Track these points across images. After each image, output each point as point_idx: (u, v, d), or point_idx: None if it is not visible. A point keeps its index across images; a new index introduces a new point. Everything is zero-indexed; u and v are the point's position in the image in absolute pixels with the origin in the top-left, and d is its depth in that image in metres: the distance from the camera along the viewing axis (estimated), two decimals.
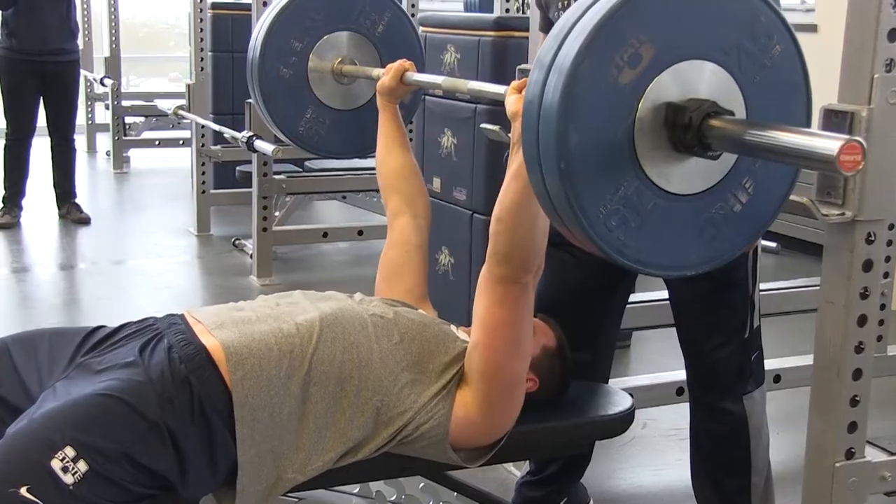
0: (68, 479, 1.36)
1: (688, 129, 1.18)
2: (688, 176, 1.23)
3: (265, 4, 4.32)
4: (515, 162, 1.49)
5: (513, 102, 1.54)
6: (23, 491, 1.33)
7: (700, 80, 1.21)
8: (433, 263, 3.55)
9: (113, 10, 7.07)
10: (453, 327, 1.76)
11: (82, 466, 1.37)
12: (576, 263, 2.03)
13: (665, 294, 2.09)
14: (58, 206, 5.45)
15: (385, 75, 2.05)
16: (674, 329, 2.07)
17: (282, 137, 2.40)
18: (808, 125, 1.32)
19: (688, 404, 2.10)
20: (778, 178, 1.32)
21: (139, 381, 1.47)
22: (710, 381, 2.01)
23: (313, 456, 1.55)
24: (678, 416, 2.62)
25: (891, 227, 2.52)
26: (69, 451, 1.37)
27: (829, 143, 1.07)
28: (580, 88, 1.15)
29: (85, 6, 7.05)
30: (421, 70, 2.25)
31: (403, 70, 2.04)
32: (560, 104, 1.15)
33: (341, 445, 1.56)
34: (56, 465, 1.36)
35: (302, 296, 1.73)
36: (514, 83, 1.57)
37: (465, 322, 1.78)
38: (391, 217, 2.00)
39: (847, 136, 1.06)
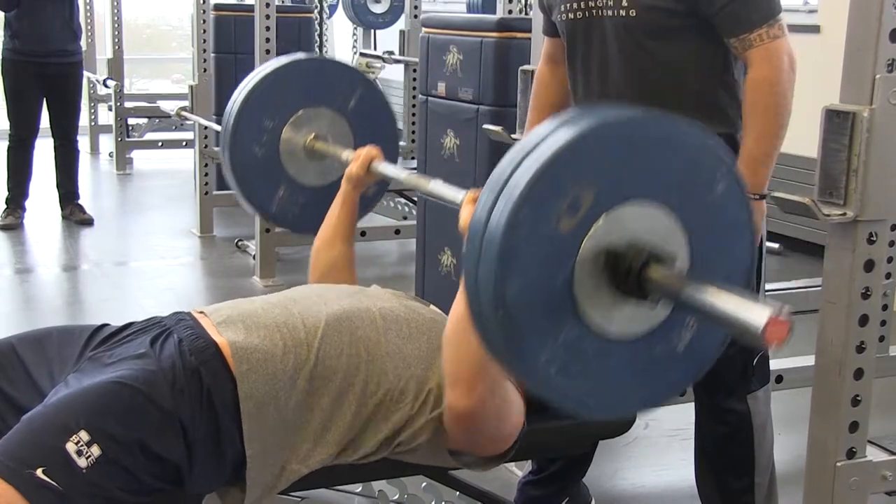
0: (82, 462, 1.37)
1: (627, 275, 1.16)
2: (630, 319, 1.20)
3: (268, 5, 4.34)
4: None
5: (466, 216, 1.48)
6: (38, 472, 1.34)
7: (641, 222, 1.18)
8: (435, 264, 3.55)
9: (116, 11, 7.08)
10: None
11: (96, 451, 1.37)
12: None
13: None
14: (61, 207, 5.46)
15: (353, 163, 2.03)
16: None
17: (255, 214, 2.36)
18: (752, 264, 1.30)
19: (691, 404, 2.10)
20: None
21: (152, 371, 1.48)
22: (715, 380, 2.00)
23: (318, 448, 1.55)
24: (681, 416, 2.63)
25: (893, 227, 2.52)
26: (84, 435, 1.38)
27: (757, 316, 1.04)
28: (518, 241, 1.12)
29: (88, 7, 7.07)
30: (391, 149, 2.21)
31: (371, 159, 2.02)
32: (499, 256, 1.12)
33: (345, 438, 1.57)
34: (71, 448, 1.37)
35: (311, 289, 1.73)
36: (471, 195, 1.53)
37: None
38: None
39: (777, 311, 1.03)
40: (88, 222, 5.35)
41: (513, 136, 2.38)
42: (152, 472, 1.43)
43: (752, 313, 1.05)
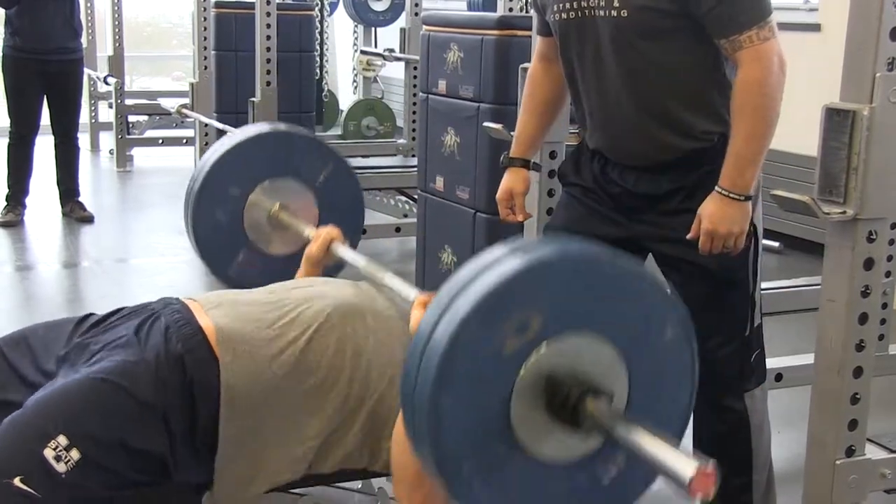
0: (60, 467, 1.37)
1: (564, 404, 1.17)
2: (561, 445, 1.21)
3: (269, 3, 4.34)
4: None
5: (415, 319, 1.51)
6: (16, 481, 1.34)
7: (586, 354, 1.20)
8: (435, 262, 3.56)
9: (116, 8, 7.08)
10: None
11: (75, 455, 1.37)
12: None
13: None
14: (61, 204, 5.46)
15: (313, 243, 2.04)
16: None
17: (215, 278, 2.36)
18: (689, 411, 1.33)
19: None
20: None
21: (133, 362, 1.47)
22: (712, 379, 2.00)
23: (293, 446, 1.55)
24: None
25: (892, 225, 2.53)
26: (62, 440, 1.38)
27: (685, 467, 1.06)
28: (461, 352, 1.14)
29: (89, 5, 7.07)
30: (353, 227, 2.25)
31: (331, 240, 2.03)
32: (439, 363, 1.13)
33: (322, 436, 1.56)
34: (49, 454, 1.37)
35: (307, 283, 1.73)
36: (422, 298, 1.55)
37: None
38: None
39: (703, 464, 1.06)
40: (89, 219, 5.35)
41: (513, 133, 2.39)
42: (135, 467, 1.43)
43: (681, 463, 1.08)
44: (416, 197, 4.50)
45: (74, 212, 5.39)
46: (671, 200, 1.87)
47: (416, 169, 4.37)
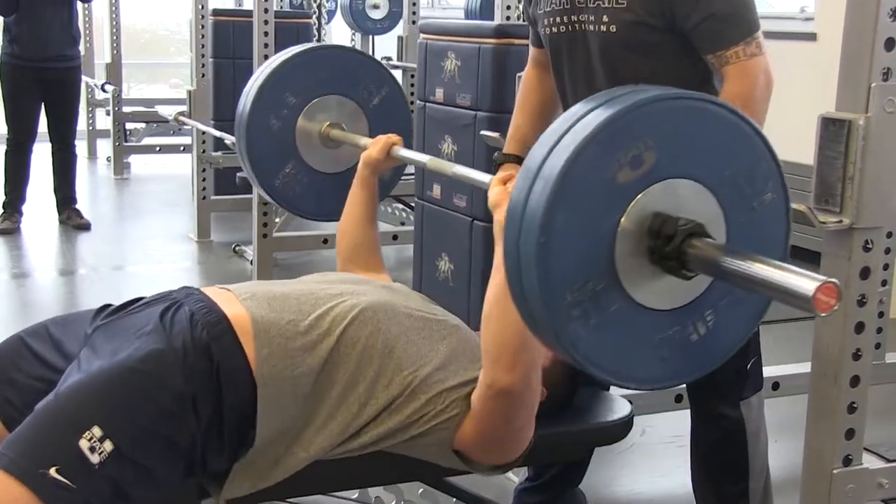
0: (95, 458, 1.36)
1: (670, 240, 1.18)
2: (655, 291, 1.22)
3: (266, 11, 4.34)
4: (497, 253, 1.47)
5: (496, 193, 1.53)
6: (52, 472, 1.34)
7: (691, 201, 1.21)
8: (433, 270, 3.55)
9: (114, 16, 7.09)
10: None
11: (108, 446, 1.37)
12: None
13: None
14: (58, 211, 5.46)
15: (372, 147, 2.05)
16: None
17: (255, 186, 2.38)
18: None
19: (687, 411, 2.11)
20: (737, 323, 1.31)
21: (161, 350, 1.47)
22: (708, 386, 2.01)
23: (320, 434, 1.54)
24: (677, 423, 2.63)
25: (889, 234, 2.53)
26: (97, 431, 1.37)
27: (806, 284, 1.07)
28: (579, 171, 1.15)
29: (86, 12, 7.07)
30: (409, 144, 2.26)
31: (391, 144, 2.05)
32: (557, 181, 1.15)
33: (349, 428, 1.56)
34: (84, 444, 1.36)
35: (341, 278, 1.73)
36: (500, 175, 1.57)
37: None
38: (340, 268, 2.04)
39: (824, 279, 1.06)
40: (86, 227, 5.35)
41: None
42: (166, 461, 1.42)
43: (801, 281, 1.09)
44: (413, 205, 4.50)
45: (71, 219, 5.39)
46: None
47: (413, 176, 4.37)
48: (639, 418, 2.00)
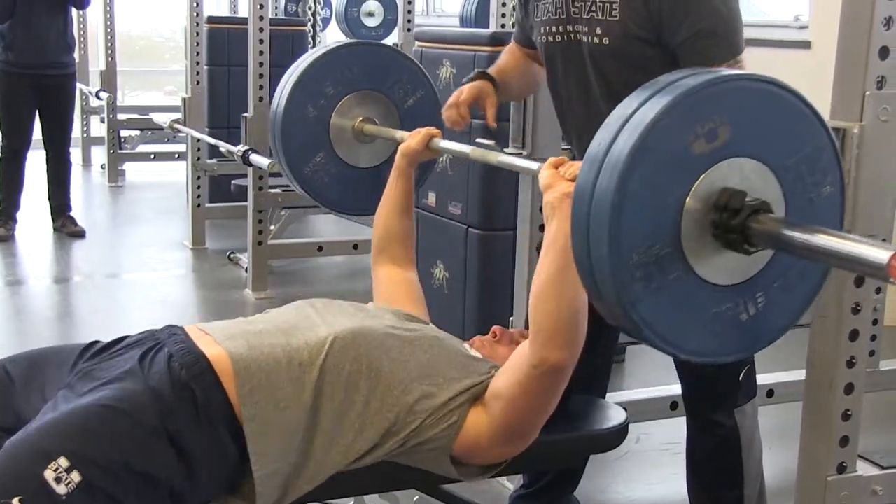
0: (61, 489, 1.35)
1: (736, 214, 1.21)
2: (714, 265, 1.26)
3: (261, 18, 4.35)
4: (550, 232, 1.51)
5: (548, 175, 1.55)
6: (15, 502, 1.33)
7: (756, 182, 1.25)
8: (428, 278, 3.55)
9: (109, 23, 7.09)
10: (466, 345, 1.77)
11: (76, 477, 1.36)
12: None
13: None
14: (52, 219, 5.45)
15: (411, 138, 2.08)
16: None
17: (285, 172, 2.40)
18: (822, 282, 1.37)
19: (682, 419, 2.11)
20: (784, 309, 1.34)
21: (136, 390, 1.47)
22: (702, 394, 2.02)
23: (323, 468, 1.55)
24: (672, 430, 2.63)
25: (883, 241, 2.54)
26: (63, 462, 1.36)
27: (878, 253, 1.10)
28: (657, 137, 1.19)
29: (81, 19, 7.07)
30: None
31: (431, 136, 2.07)
32: (639, 141, 1.19)
33: (350, 457, 1.56)
34: (49, 475, 1.35)
35: (312, 307, 1.73)
36: (552, 159, 1.60)
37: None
38: (374, 266, 2.04)
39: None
40: (80, 234, 5.34)
41: (505, 150, 2.39)
42: (140, 494, 1.41)
43: (873, 251, 1.11)
44: None
45: (66, 226, 5.38)
46: None
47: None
48: (634, 426, 2.00)
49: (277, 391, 1.52)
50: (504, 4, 4.06)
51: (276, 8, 7.20)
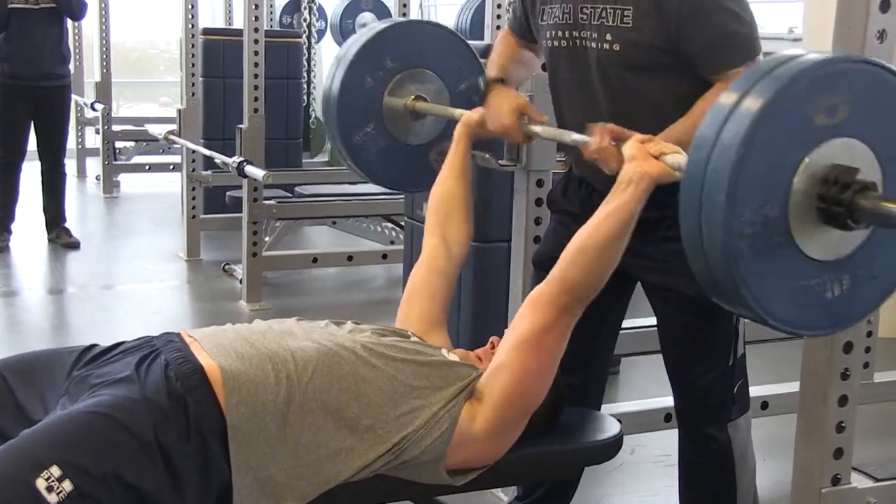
0: (52, 498, 1.35)
1: (846, 188, 1.27)
2: (812, 238, 1.32)
3: (256, 30, 4.35)
4: (617, 201, 1.59)
5: (634, 147, 1.62)
6: None
7: (864, 165, 1.31)
8: None
9: (104, 35, 7.09)
10: (444, 351, 1.77)
11: (67, 486, 1.36)
12: None
13: (654, 321, 2.11)
14: (47, 230, 5.44)
15: (476, 111, 2.10)
16: (661, 356, 2.08)
17: (334, 139, 2.42)
18: None
19: (676, 431, 2.11)
20: (863, 297, 1.40)
21: (133, 399, 1.47)
22: (696, 408, 2.02)
23: (313, 485, 1.55)
24: (667, 442, 2.63)
25: None
26: (55, 471, 1.36)
27: None
28: (789, 96, 1.26)
29: (77, 31, 7.07)
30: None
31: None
32: (768, 101, 1.26)
33: (342, 474, 1.56)
34: (41, 484, 1.35)
35: (296, 324, 1.73)
36: (638, 136, 1.66)
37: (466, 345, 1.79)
38: (426, 235, 2.04)
39: None
40: (75, 245, 5.33)
41: (500, 161, 2.39)
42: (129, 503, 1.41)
43: None
44: (402, 224, 4.50)
45: (60, 238, 5.37)
46: (656, 229, 1.88)
47: (403, 196, 4.37)
48: (628, 437, 1.99)
49: (264, 404, 1.52)
50: (499, 17, 4.08)
51: (272, 19, 7.21)
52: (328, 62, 8.65)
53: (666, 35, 1.80)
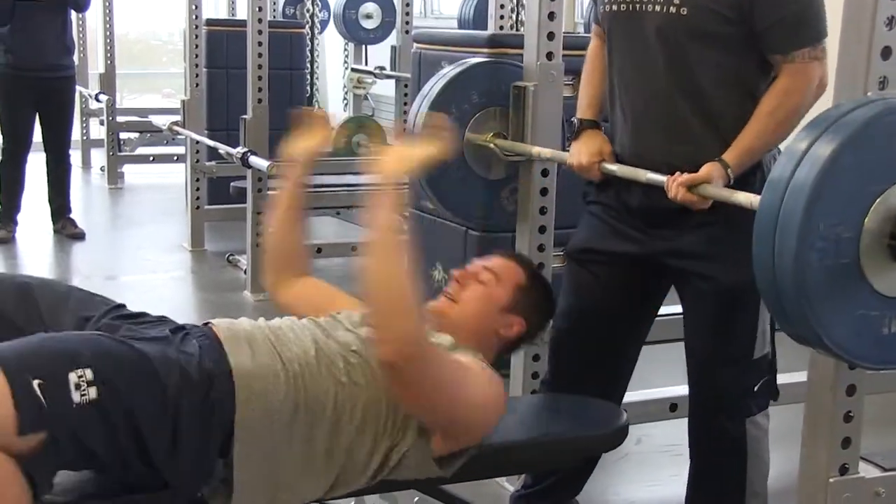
0: (76, 396, 1.36)
1: None
2: (879, 270, 1.38)
3: (260, 21, 4.34)
4: (374, 235, 1.51)
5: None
6: (35, 382, 1.34)
7: None
8: (427, 280, 3.54)
9: (108, 26, 7.08)
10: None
11: (92, 393, 1.37)
12: (597, 284, 2.03)
13: (662, 311, 2.10)
14: (52, 221, 5.44)
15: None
16: (668, 345, 2.07)
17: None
18: None
19: (683, 420, 2.10)
20: None
21: (171, 359, 1.48)
22: (713, 399, 1.98)
23: (311, 488, 1.56)
24: (673, 431, 2.62)
25: None
26: (88, 374, 1.37)
27: None
28: (879, 126, 1.35)
29: (80, 22, 7.06)
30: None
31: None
32: (861, 126, 1.34)
33: (336, 468, 1.57)
34: (73, 377, 1.36)
35: (298, 322, 1.72)
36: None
37: None
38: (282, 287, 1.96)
39: None
40: (80, 236, 5.34)
41: (506, 152, 2.39)
42: (127, 447, 1.41)
43: None
44: (405, 214, 4.49)
45: (66, 228, 5.37)
46: (692, 214, 1.85)
47: (406, 186, 4.36)
48: (634, 427, 1.99)
49: (272, 404, 1.52)
50: (502, 6, 4.07)
51: (275, 10, 7.19)
52: (331, 53, 8.67)
53: (738, 5, 1.78)
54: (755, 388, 1.94)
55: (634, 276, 2.01)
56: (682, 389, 2.18)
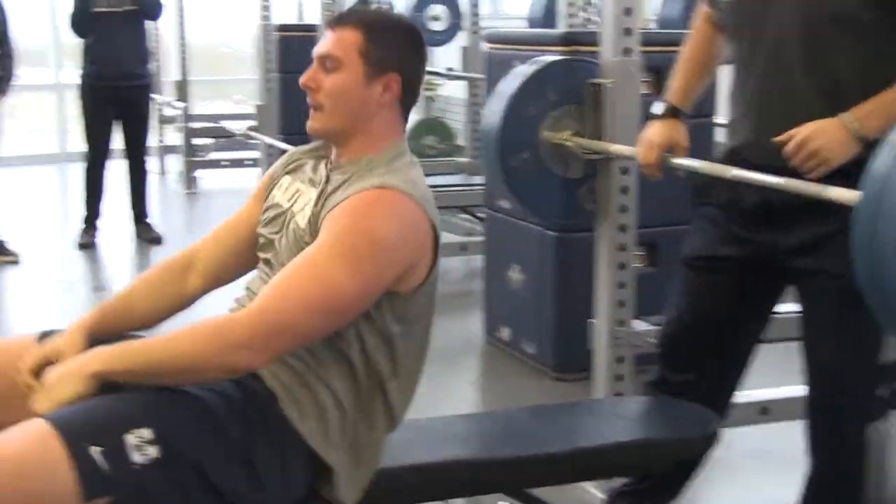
0: (137, 457, 1.35)
1: None
2: None
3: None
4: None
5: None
6: (94, 450, 1.33)
7: None
8: (504, 281, 3.53)
9: (181, 35, 7.22)
10: None
11: (153, 452, 1.36)
12: (711, 291, 1.98)
13: None
14: (132, 225, 5.57)
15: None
16: (763, 346, 2.01)
17: (491, 160, 2.46)
18: None
19: (771, 425, 2.03)
20: None
21: (230, 396, 1.48)
22: (833, 405, 1.88)
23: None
24: (761, 436, 2.57)
25: None
26: (147, 433, 1.37)
27: None
28: None
29: (156, 32, 7.21)
30: None
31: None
32: None
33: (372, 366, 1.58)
34: (131, 439, 1.36)
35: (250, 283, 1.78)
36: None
37: None
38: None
39: None
40: (158, 240, 5.44)
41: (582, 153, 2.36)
42: (202, 499, 1.41)
43: None
44: (480, 215, 4.48)
45: (144, 233, 5.49)
46: (810, 209, 1.75)
47: (480, 187, 4.35)
48: (723, 431, 1.94)
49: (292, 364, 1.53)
50: (572, 4, 4.04)
51: None
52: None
53: None
54: (881, 393, 1.85)
55: (749, 280, 1.93)
56: (775, 392, 2.13)
